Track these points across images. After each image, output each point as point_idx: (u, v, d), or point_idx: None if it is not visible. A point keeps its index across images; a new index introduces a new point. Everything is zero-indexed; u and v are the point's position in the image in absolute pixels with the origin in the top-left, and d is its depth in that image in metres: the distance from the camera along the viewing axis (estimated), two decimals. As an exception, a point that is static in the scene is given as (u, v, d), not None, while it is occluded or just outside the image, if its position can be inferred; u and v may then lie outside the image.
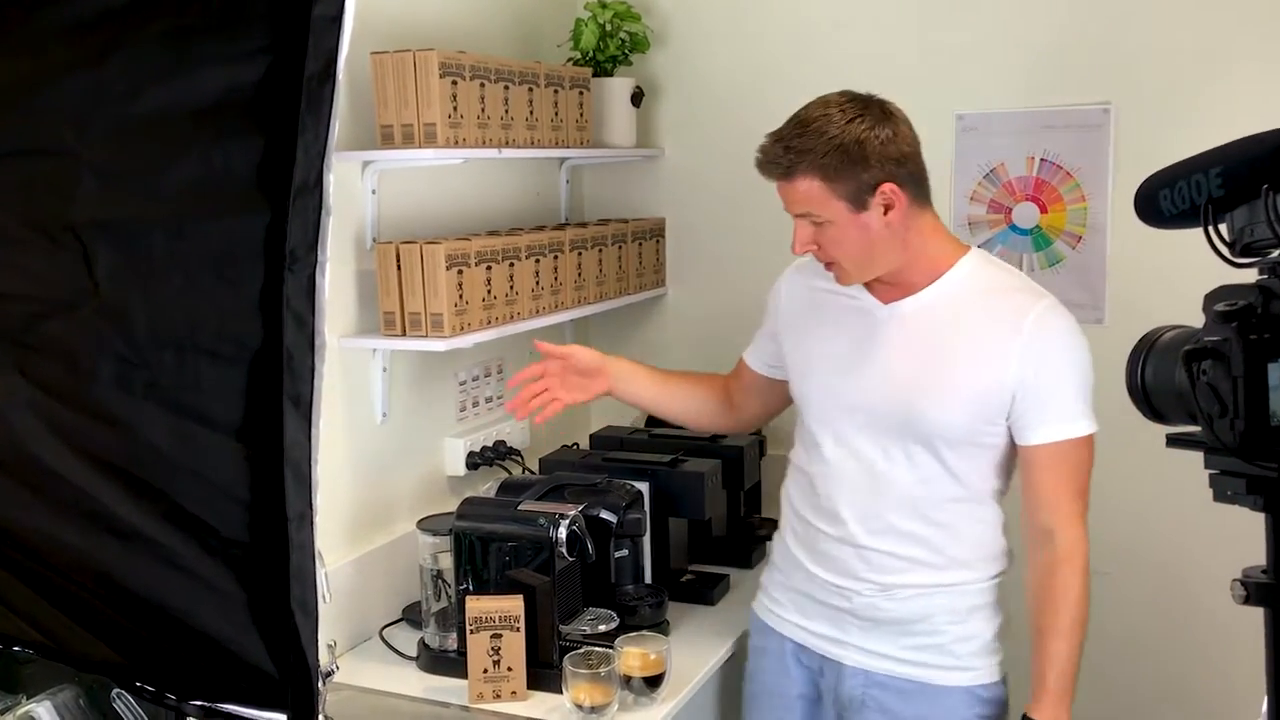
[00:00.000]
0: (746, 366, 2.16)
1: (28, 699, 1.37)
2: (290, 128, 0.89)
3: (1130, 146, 2.46)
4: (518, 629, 1.91)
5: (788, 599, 2.02)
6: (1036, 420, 1.80)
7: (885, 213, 1.78)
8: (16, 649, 1.08)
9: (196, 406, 0.91)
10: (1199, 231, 1.25)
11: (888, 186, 1.77)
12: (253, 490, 0.93)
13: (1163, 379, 1.16)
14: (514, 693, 1.92)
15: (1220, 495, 1.13)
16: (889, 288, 1.88)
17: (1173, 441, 1.19)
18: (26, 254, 0.91)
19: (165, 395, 0.91)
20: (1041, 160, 2.54)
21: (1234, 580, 1.14)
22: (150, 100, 0.89)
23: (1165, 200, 1.21)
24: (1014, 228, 2.59)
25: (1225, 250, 1.14)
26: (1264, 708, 1.02)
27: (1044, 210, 2.55)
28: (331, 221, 0.93)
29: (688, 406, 2.21)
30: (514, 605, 1.92)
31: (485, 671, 1.91)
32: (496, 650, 1.91)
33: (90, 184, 0.89)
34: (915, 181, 1.81)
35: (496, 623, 1.90)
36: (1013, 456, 1.85)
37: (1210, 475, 1.14)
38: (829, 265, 1.85)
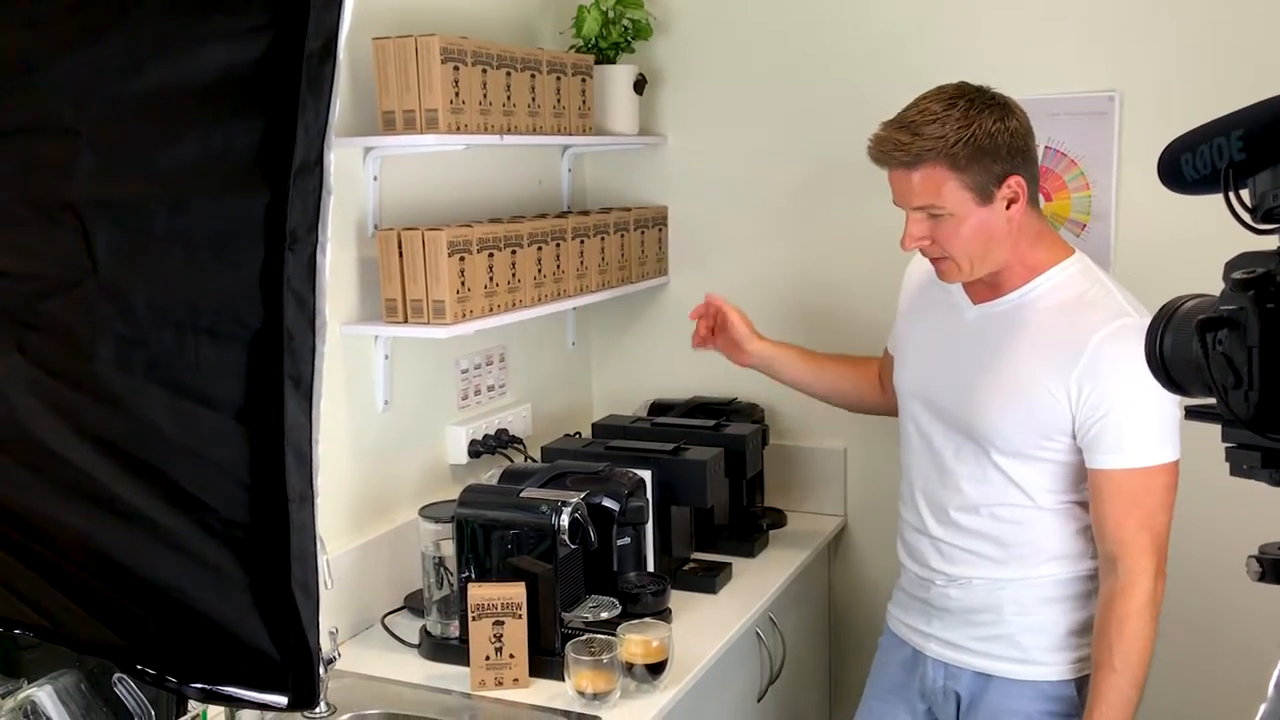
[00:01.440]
0: (886, 349, 2.22)
1: (29, 684, 1.37)
2: (291, 107, 0.89)
3: (1135, 134, 2.45)
4: (520, 616, 1.91)
5: (896, 594, 2.10)
6: (1097, 445, 1.75)
7: (1008, 207, 1.75)
8: (18, 632, 1.08)
9: (197, 386, 0.91)
10: (1204, 216, 1.23)
11: (1014, 179, 1.75)
12: (253, 471, 0.92)
13: (1181, 349, 1.12)
14: (516, 680, 1.92)
15: (1237, 469, 1.09)
16: (982, 287, 1.87)
17: (1191, 414, 1.15)
18: (25, 232, 0.91)
19: (165, 375, 0.91)
20: (1046, 148, 2.53)
21: (1249, 556, 1.10)
22: (150, 77, 0.88)
23: (1187, 165, 1.16)
24: (1018, 216, 2.58)
25: (1247, 216, 1.09)
26: (1271, 688, 1.00)
27: (1048, 198, 2.54)
28: (332, 201, 0.92)
29: (839, 388, 2.28)
30: (516, 592, 1.91)
31: (487, 659, 1.91)
32: (498, 637, 1.90)
33: (89, 162, 0.89)
34: (1034, 177, 1.80)
35: (498, 610, 1.90)
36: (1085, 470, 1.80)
37: (1226, 449, 1.10)
38: (938, 261, 1.83)
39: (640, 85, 2.77)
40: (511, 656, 1.92)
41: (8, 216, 0.90)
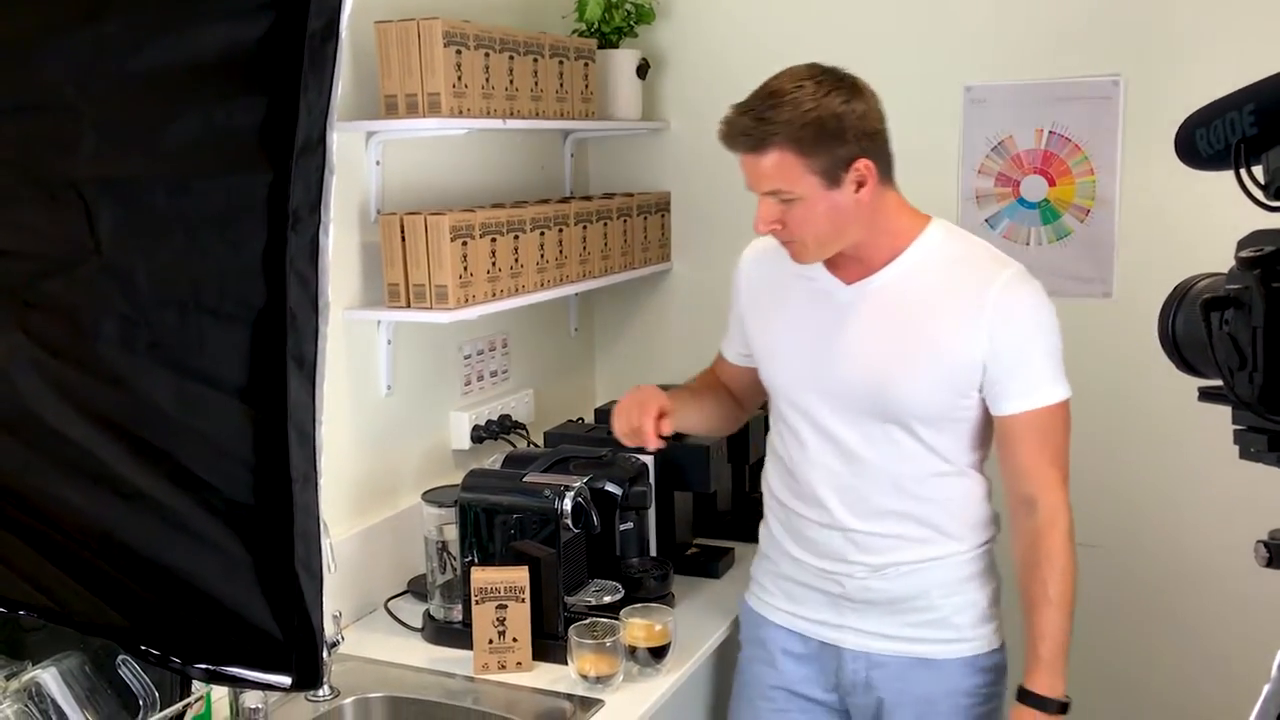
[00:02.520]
0: (726, 361, 2.11)
1: (33, 665, 1.37)
2: (293, 86, 0.88)
3: (1140, 119, 2.44)
4: (523, 600, 1.91)
5: (778, 587, 2.00)
6: (1008, 390, 1.78)
7: (857, 189, 1.73)
8: (22, 613, 1.08)
9: (199, 366, 0.91)
10: (1209, 200, 1.21)
11: (862, 163, 1.72)
12: (256, 451, 0.92)
13: (1192, 330, 1.10)
14: (519, 663, 1.92)
15: (1245, 453, 1.08)
16: (850, 267, 1.84)
17: (1204, 395, 1.14)
18: (27, 211, 0.91)
19: (168, 355, 0.91)
20: (1050, 133, 2.52)
21: (1258, 542, 1.09)
22: (151, 55, 0.88)
23: (1201, 140, 1.15)
24: (1021, 201, 2.57)
25: (1259, 193, 1.07)
26: (1275, 668, 1.00)
27: (1052, 183, 2.54)
28: (335, 181, 0.92)
29: (716, 419, 2.16)
30: (519, 576, 1.92)
31: (490, 642, 1.92)
32: (502, 621, 1.91)
33: (91, 140, 0.89)
34: (885, 158, 1.77)
35: (502, 594, 1.90)
36: (989, 426, 1.83)
37: (1235, 432, 1.09)
38: (787, 243, 1.80)
39: (643, 70, 2.76)
40: (515, 640, 1.92)
41: (9, 195, 0.90)
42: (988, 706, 1.88)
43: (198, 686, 1.43)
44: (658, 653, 1.93)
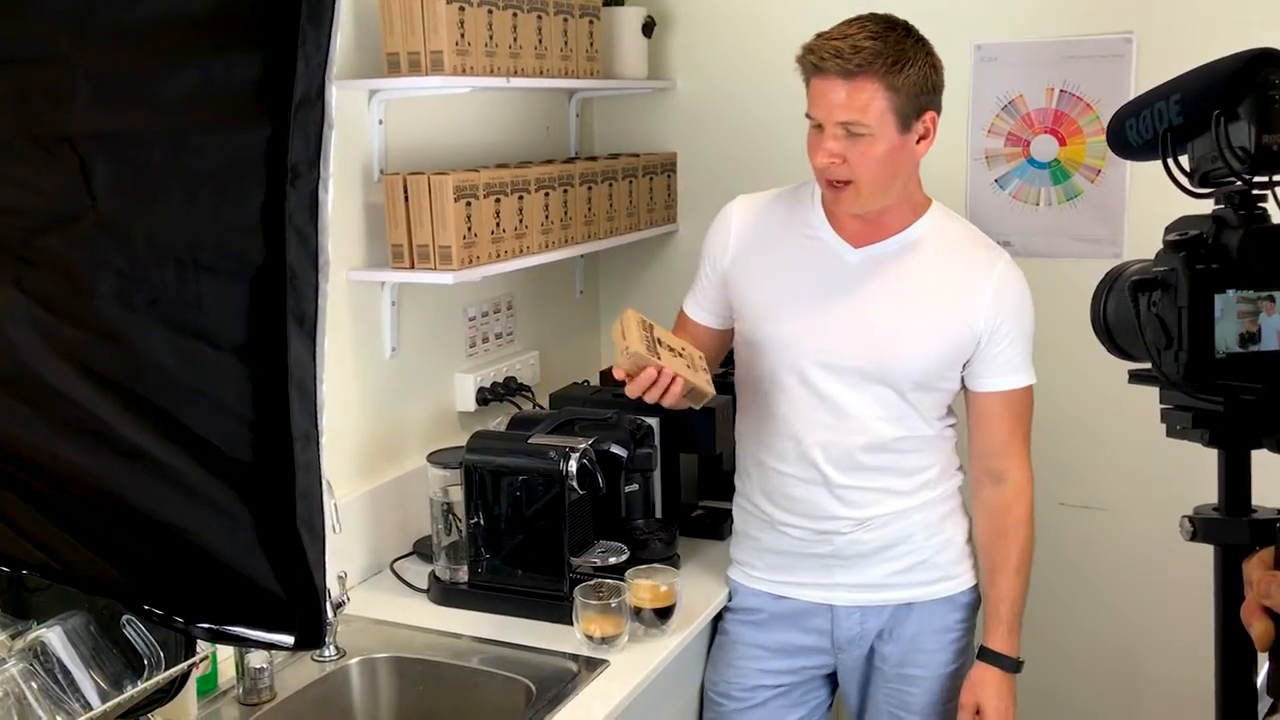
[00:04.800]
0: (689, 320, 2.08)
1: (38, 625, 1.37)
2: (290, 38, 0.87)
3: (1152, 77, 2.37)
4: (653, 324, 1.84)
5: (764, 561, 2.03)
6: (994, 368, 1.87)
7: (918, 141, 1.79)
8: (25, 572, 1.08)
9: (198, 324, 0.89)
10: None
11: (930, 115, 1.79)
12: (257, 410, 0.91)
13: (1123, 312, 1.16)
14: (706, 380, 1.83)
15: (1171, 430, 1.13)
16: (861, 230, 1.87)
17: (1134, 377, 1.18)
18: (22, 165, 0.89)
19: (167, 312, 0.89)
20: (1061, 92, 2.49)
21: (1183, 517, 1.13)
22: (147, 6, 0.86)
23: (1131, 130, 1.20)
24: (1032, 161, 2.54)
25: (1185, 180, 1.13)
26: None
27: (1063, 143, 2.51)
28: (334, 136, 0.90)
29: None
30: (633, 314, 1.82)
31: (688, 366, 1.80)
32: (673, 349, 1.81)
33: (86, 93, 0.87)
34: (936, 123, 1.84)
35: (650, 335, 1.80)
36: (958, 395, 1.95)
37: (1162, 410, 1.14)
38: (841, 184, 1.79)
39: (649, 28, 2.72)
40: (684, 347, 1.82)
41: (3, 149, 0.89)
42: (965, 640, 2.01)
43: (202, 647, 1.43)
44: (663, 613, 1.94)
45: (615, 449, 2.09)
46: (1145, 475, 2.51)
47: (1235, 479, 1.12)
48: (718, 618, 2.10)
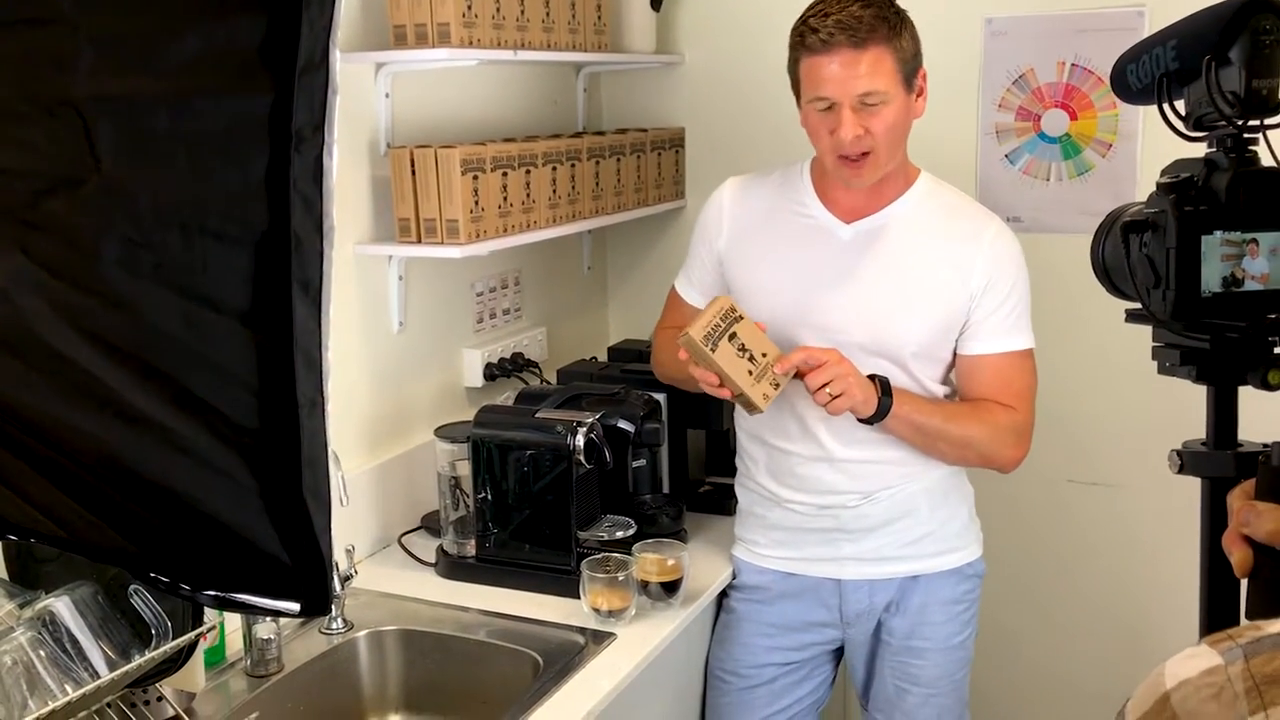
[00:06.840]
0: (683, 303, 2.05)
1: (46, 594, 1.38)
2: (294, 3, 0.86)
3: (1165, 51, 2.39)
4: (741, 316, 1.79)
5: (769, 538, 2.03)
6: (982, 331, 1.86)
7: (917, 98, 1.81)
8: (32, 540, 1.08)
9: (203, 290, 0.89)
10: None
11: (922, 71, 1.81)
12: (261, 376, 0.91)
13: (1117, 254, 1.19)
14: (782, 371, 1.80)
15: (1161, 367, 1.17)
16: (854, 205, 1.88)
17: (1130, 317, 1.22)
18: (26, 128, 0.88)
19: (171, 277, 0.89)
20: (1072, 65, 2.47)
21: (1172, 450, 1.17)
22: (149, -32, 0.85)
23: (1131, 75, 1.22)
24: (1042, 135, 2.52)
25: (1180, 124, 1.15)
26: None
27: (1074, 117, 2.49)
28: (339, 102, 0.90)
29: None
30: (722, 303, 1.79)
31: (750, 373, 1.78)
32: (743, 348, 1.78)
33: (89, 56, 0.86)
34: None
35: (721, 325, 1.77)
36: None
37: (1153, 348, 1.17)
38: (862, 155, 1.78)
39: (657, 2, 2.71)
40: (764, 354, 1.79)
41: (6, 112, 0.88)
42: (971, 612, 2.02)
43: (210, 616, 1.44)
44: (670, 587, 1.94)
45: (622, 424, 2.09)
46: (1154, 452, 2.49)
47: (1223, 414, 1.14)
48: (723, 597, 2.10)
